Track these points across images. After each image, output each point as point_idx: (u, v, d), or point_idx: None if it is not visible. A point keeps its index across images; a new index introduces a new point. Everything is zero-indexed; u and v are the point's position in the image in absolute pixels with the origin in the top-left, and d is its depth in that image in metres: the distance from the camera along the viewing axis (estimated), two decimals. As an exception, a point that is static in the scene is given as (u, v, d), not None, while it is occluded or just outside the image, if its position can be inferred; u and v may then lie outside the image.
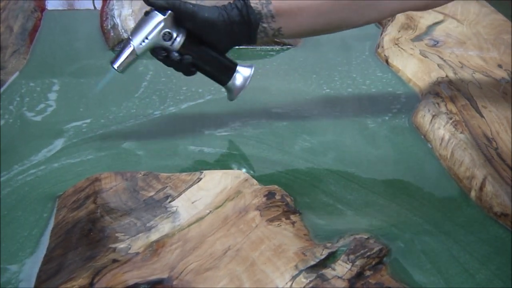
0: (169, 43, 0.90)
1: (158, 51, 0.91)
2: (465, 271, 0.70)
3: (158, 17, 0.89)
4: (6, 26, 1.41)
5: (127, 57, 0.91)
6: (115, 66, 0.92)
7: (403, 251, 0.72)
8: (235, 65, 0.97)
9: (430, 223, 0.78)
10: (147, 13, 0.91)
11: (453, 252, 0.73)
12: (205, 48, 0.94)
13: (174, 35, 0.90)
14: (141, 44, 0.90)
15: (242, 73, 0.98)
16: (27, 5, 1.54)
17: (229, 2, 0.92)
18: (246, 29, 0.91)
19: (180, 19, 0.90)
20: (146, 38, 0.90)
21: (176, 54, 0.91)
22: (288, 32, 0.93)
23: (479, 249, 0.73)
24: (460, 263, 0.71)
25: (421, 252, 0.72)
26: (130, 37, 0.91)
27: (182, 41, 0.90)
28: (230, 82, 0.98)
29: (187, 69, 0.94)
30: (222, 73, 0.97)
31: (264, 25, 0.91)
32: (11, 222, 0.78)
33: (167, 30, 0.89)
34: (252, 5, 0.90)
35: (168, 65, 0.94)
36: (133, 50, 0.91)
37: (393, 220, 0.78)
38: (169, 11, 0.89)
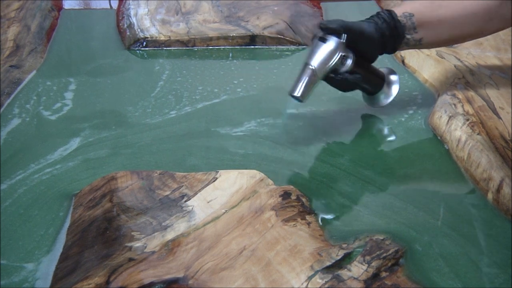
0: (343, 65, 0.93)
1: (330, 75, 0.94)
2: (484, 275, 0.69)
3: (337, 43, 0.91)
4: (24, 25, 1.42)
5: (309, 84, 0.92)
6: (298, 95, 0.92)
7: (421, 254, 0.72)
8: (383, 74, 1.02)
9: (448, 226, 0.77)
10: (322, 39, 0.92)
11: (472, 255, 0.72)
12: (363, 62, 0.97)
13: (348, 57, 0.93)
14: (323, 70, 0.92)
15: (394, 83, 1.03)
16: (44, 4, 1.55)
17: (377, 15, 0.96)
18: (392, 41, 0.96)
19: (352, 40, 0.93)
20: (328, 64, 0.92)
21: (348, 74, 0.94)
22: (427, 42, 0.98)
23: (498, 253, 0.73)
24: (479, 267, 0.70)
25: (439, 255, 0.72)
26: (309, 63, 0.92)
27: (353, 61, 0.93)
28: (381, 92, 1.03)
29: (354, 87, 0.99)
30: (377, 84, 1.02)
31: (408, 36, 0.96)
32: (27, 221, 0.79)
33: (343, 53, 0.92)
34: (399, 18, 0.95)
35: (337, 86, 0.98)
36: (315, 77, 0.92)
37: (410, 223, 0.77)
38: (344, 35, 0.91)
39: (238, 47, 1.37)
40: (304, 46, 1.36)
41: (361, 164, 0.92)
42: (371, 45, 0.95)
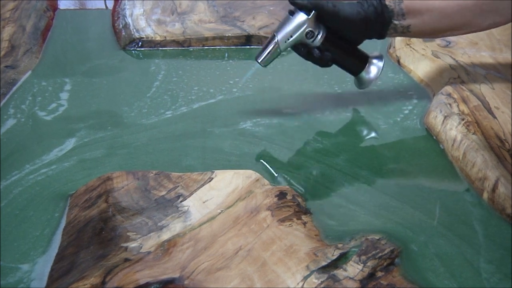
0: (310, 40, 0.97)
1: (299, 48, 0.99)
2: (479, 274, 0.69)
3: (303, 17, 0.96)
4: (19, 25, 1.42)
5: (271, 53, 0.99)
6: (259, 60, 1.00)
7: (417, 254, 0.72)
8: (367, 57, 1.05)
9: (444, 225, 0.77)
10: (291, 13, 0.97)
11: (467, 255, 0.72)
12: (342, 43, 1.00)
13: (316, 33, 0.97)
14: (285, 41, 0.98)
15: (375, 64, 1.05)
16: (39, 5, 1.55)
17: (365, 0, 0.98)
18: (379, 26, 0.98)
19: (323, 18, 0.96)
20: (291, 37, 0.97)
21: (317, 51, 0.98)
22: (415, 30, 0.99)
23: (493, 252, 0.73)
24: (474, 267, 0.70)
25: (435, 255, 0.72)
26: (275, 34, 0.98)
27: (322, 38, 0.97)
28: (363, 73, 1.05)
29: (326, 63, 1.02)
30: (356, 66, 1.05)
31: (396, 22, 0.98)
32: (22, 222, 0.79)
33: (310, 29, 0.96)
34: (387, 3, 0.97)
35: (307, 59, 1.01)
36: (278, 46, 0.98)
37: (406, 223, 0.77)
38: (313, 12, 0.95)
39: (234, 47, 1.37)
40: (299, 46, 1.36)
41: (357, 164, 0.92)
42: (349, 27, 0.97)
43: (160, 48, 1.35)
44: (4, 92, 1.13)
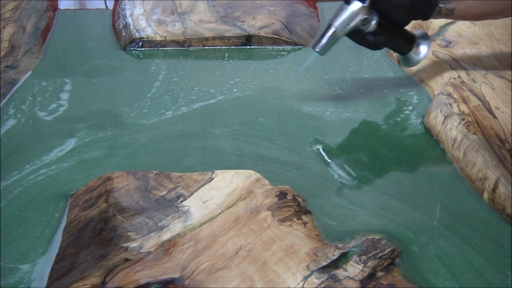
0: (366, 27, 1.00)
1: (353, 34, 1.02)
2: (480, 275, 0.69)
3: (358, 5, 0.98)
4: (19, 26, 1.42)
5: (329, 41, 1.01)
6: (317, 49, 1.02)
7: (417, 255, 0.72)
8: (414, 37, 1.08)
9: (445, 226, 0.77)
10: (347, 1, 1.00)
11: (469, 256, 0.72)
12: (392, 26, 1.04)
13: (370, 19, 0.99)
14: (342, 29, 1.00)
15: (423, 44, 1.09)
16: (39, 5, 1.55)
17: None
18: (425, 9, 1.01)
19: (376, 4, 0.99)
20: (348, 24, 0.99)
21: (372, 36, 1.01)
22: (458, 13, 1.02)
23: (495, 253, 0.73)
24: (476, 268, 0.70)
25: (436, 256, 0.72)
26: (331, 23, 1.00)
27: (376, 24, 1.00)
28: (411, 53, 1.09)
29: (379, 47, 1.05)
30: (405, 46, 1.08)
31: (441, 5, 1.01)
32: (22, 222, 0.79)
33: (366, 16, 0.99)
34: None
35: (361, 44, 1.04)
36: (335, 34, 1.00)
37: (407, 223, 0.77)
38: (368, 0, 0.98)
39: (234, 47, 1.36)
40: (300, 46, 1.36)
41: (358, 165, 0.92)
42: (400, 10, 1.00)
43: (160, 48, 1.35)
44: (4, 92, 1.13)
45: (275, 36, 1.37)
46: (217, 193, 0.79)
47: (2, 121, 1.04)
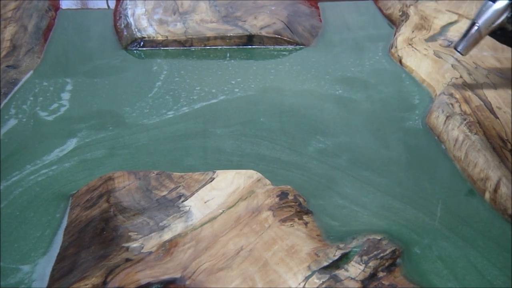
0: (510, 25, 0.99)
1: (496, 32, 1.01)
2: (483, 277, 0.69)
3: (504, 3, 0.98)
4: (21, 25, 1.42)
5: (472, 40, 1.01)
6: (459, 49, 1.02)
7: (420, 256, 0.72)
8: None
9: (447, 227, 0.77)
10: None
11: (471, 258, 0.72)
12: None
13: None
14: (487, 28, 1.00)
15: None
16: (41, 4, 1.55)
17: None
18: None
19: None
20: (493, 23, 0.99)
21: None
22: None
23: (497, 255, 0.73)
24: (478, 270, 0.70)
25: (438, 258, 0.72)
26: (475, 21, 1.00)
27: None
28: None
29: None
30: None
31: None
32: (23, 223, 0.79)
33: (511, 14, 0.98)
34: None
35: (503, 43, 1.05)
36: (479, 33, 1.00)
37: (410, 224, 0.77)
38: None
39: (236, 47, 1.36)
40: (301, 46, 1.36)
41: (359, 165, 0.91)
42: None
43: (162, 48, 1.35)
44: (5, 92, 1.13)
45: (276, 36, 1.37)
46: (218, 193, 0.79)
47: (3, 121, 1.04)
